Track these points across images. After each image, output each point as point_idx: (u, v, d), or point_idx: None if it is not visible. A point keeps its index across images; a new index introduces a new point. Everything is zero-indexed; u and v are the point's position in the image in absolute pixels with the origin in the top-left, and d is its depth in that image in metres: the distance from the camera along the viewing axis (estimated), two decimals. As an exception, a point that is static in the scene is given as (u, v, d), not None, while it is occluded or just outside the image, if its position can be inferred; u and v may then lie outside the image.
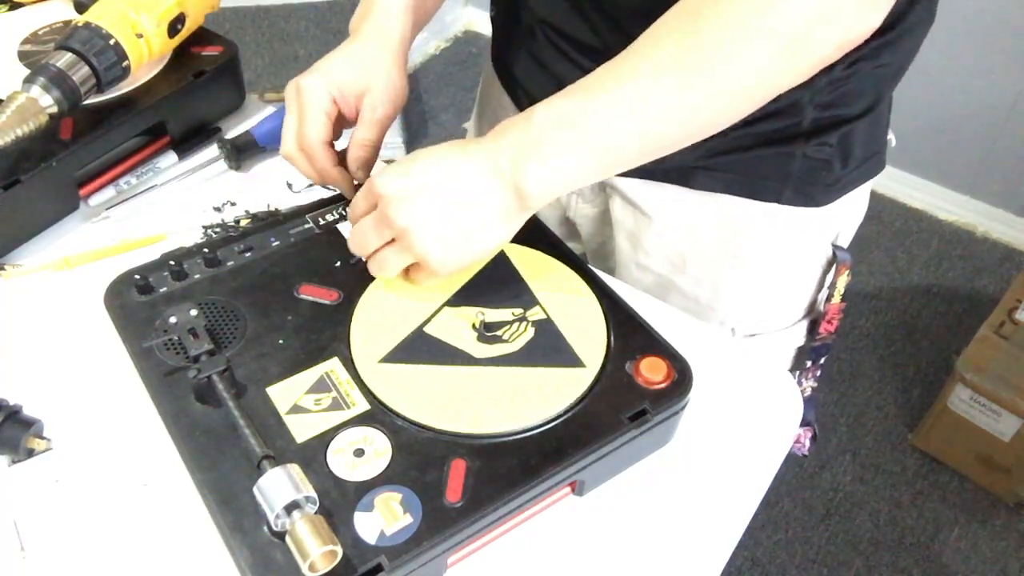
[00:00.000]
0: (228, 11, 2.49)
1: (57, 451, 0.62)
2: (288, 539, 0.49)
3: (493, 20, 0.87)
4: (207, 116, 0.88)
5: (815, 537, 1.58)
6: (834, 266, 0.83)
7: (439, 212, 0.56)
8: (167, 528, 0.57)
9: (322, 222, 0.70)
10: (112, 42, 0.74)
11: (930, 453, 1.69)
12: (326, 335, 0.62)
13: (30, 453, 0.61)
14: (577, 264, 0.68)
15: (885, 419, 1.76)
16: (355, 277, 0.65)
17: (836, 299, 0.84)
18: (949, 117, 2.00)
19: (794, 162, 0.74)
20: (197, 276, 0.65)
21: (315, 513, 0.50)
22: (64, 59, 0.72)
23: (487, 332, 0.62)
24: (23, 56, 0.82)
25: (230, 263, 0.66)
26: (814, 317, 0.86)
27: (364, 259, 0.62)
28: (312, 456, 0.54)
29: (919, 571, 1.54)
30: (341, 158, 0.70)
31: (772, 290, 0.83)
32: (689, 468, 0.63)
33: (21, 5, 0.87)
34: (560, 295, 0.65)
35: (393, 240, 0.58)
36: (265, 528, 0.51)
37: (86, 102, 0.75)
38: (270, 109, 0.91)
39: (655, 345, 0.62)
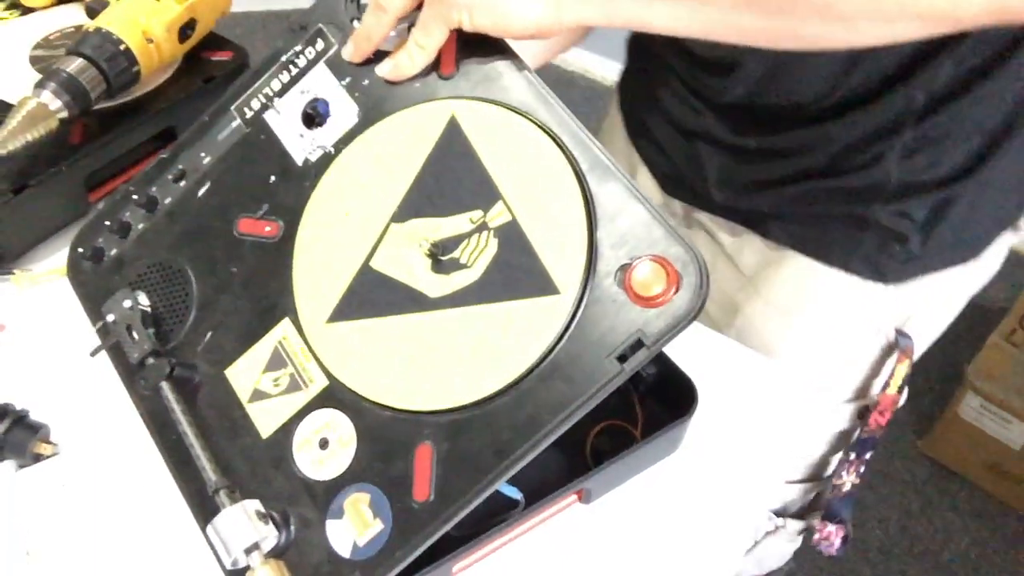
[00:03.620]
0: (239, 16, 2.50)
1: (64, 456, 0.62)
2: None
3: (626, 72, 0.85)
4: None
5: (824, 545, 1.58)
6: (894, 352, 0.76)
7: None
8: (173, 532, 0.57)
9: (248, 114, 0.61)
10: (123, 47, 0.74)
11: (940, 461, 1.67)
12: (272, 286, 0.56)
13: (37, 458, 0.61)
14: (553, 122, 0.52)
15: (895, 426, 1.75)
16: (291, 195, 0.58)
17: (892, 389, 0.77)
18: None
19: (867, 229, 0.69)
20: (141, 226, 0.62)
21: (280, 538, 0.49)
22: (75, 64, 0.72)
23: (441, 256, 0.52)
24: (34, 61, 0.82)
25: (167, 200, 0.61)
26: (865, 403, 0.80)
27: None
28: (279, 454, 0.52)
29: (929, 580, 1.53)
30: None
31: (819, 360, 0.78)
32: (696, 477, 0.63)
33: (33, 10, 0.87)
34: (529, 177, 0.51)
35: None
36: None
37: (96, 107, 0.75)
38: (279, 114, 0.91)
39: (654, 240, 0.47)
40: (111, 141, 0.77)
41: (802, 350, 0.77)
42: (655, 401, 0.64)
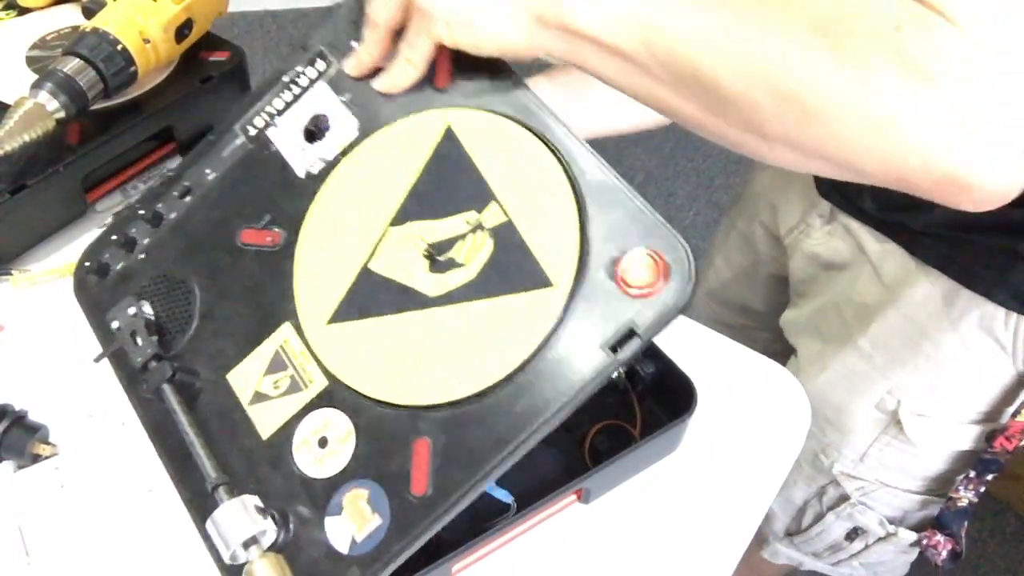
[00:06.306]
0: (236, 16, 2.50)
1: (62, 456, 0.62)
2: None
3: None
4: (214, 121, 0.88)
5: (823, 544, 1.57)
6: None
7: None
8: (172, 534, 0.57)
9: (252, 131, 0.63)
10: (120, 47, 0.74)
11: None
12: (274, 292, 0.57)
13: (35, 458, 0.61)
14: (544, 127, 0.53)
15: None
16: (292, 205, 0.59)
17: (1022, 417, 0.77)
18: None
19: (1017, 262, 0.69)
20: (146, 241, 0.63)
21: (279, 535, 0.50)
22: (72, 64, 0.72)
23: (438, 256, 0.53)
24: (31, 61, 0.82)
25: (172, 215, 0.63)
26: (993, 428, 0.79)
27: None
28: (278, 454, 0.53)
29: (928, 579, 1.53)
30: None
31: (951, 381, 0.78)
32: (695, 476, 0.63)
33: (29, 11, 0.87)
34: (522, 179, 0.52)
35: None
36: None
37: (93, 107, 0.75)
38: (277, 114, 0.91)
39: (643, 232, 0.48)
40: (108, 141, 0.77)
41: (932, 367, 0.77)
42: (654, 401, 0.65)
